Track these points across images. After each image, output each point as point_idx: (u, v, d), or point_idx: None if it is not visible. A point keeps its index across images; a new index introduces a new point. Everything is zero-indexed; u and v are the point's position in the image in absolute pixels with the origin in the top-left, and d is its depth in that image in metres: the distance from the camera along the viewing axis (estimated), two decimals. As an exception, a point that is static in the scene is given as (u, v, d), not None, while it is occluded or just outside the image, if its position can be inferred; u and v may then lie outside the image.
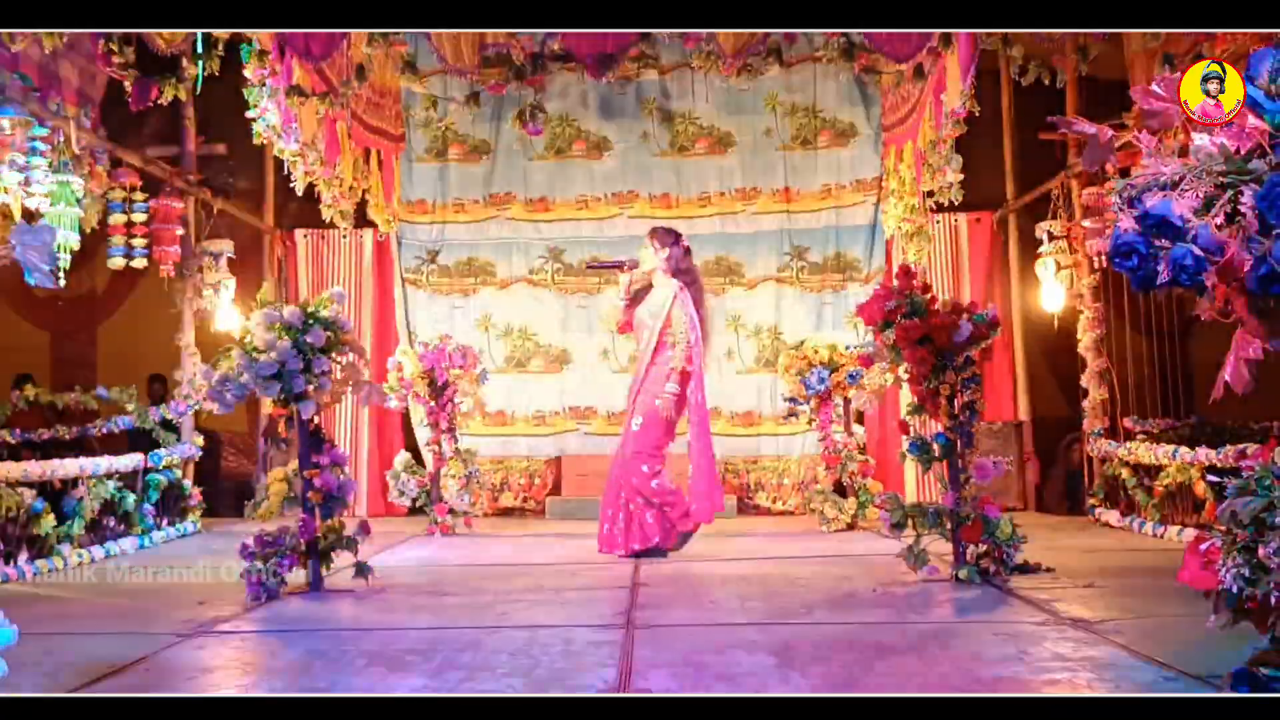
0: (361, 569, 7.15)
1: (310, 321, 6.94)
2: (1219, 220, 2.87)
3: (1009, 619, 5.94)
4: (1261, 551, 3.06)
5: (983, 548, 7.17)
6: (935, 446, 7.29)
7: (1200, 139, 3.07)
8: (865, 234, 13.21)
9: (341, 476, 7.17)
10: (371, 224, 13.23)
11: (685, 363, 8.95)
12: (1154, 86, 3.30)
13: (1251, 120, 2.99)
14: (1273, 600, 3.05)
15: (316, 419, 7.21)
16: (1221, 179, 2.89)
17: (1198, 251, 2.84)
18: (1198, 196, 2.89)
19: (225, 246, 11.72)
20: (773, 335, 13.20)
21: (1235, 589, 3.12)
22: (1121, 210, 3.06)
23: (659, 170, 13.47)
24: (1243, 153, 3.00)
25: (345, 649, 5.38)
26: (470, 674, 4.69)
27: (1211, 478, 8.38)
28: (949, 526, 7.22)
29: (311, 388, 6.93)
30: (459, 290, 13.40)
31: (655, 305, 9.12)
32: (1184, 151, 3.19)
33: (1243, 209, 2.84)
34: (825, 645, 5.32)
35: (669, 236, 9.28)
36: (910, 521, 7.35)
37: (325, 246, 13.37)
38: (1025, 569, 7.28)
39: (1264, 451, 3.28)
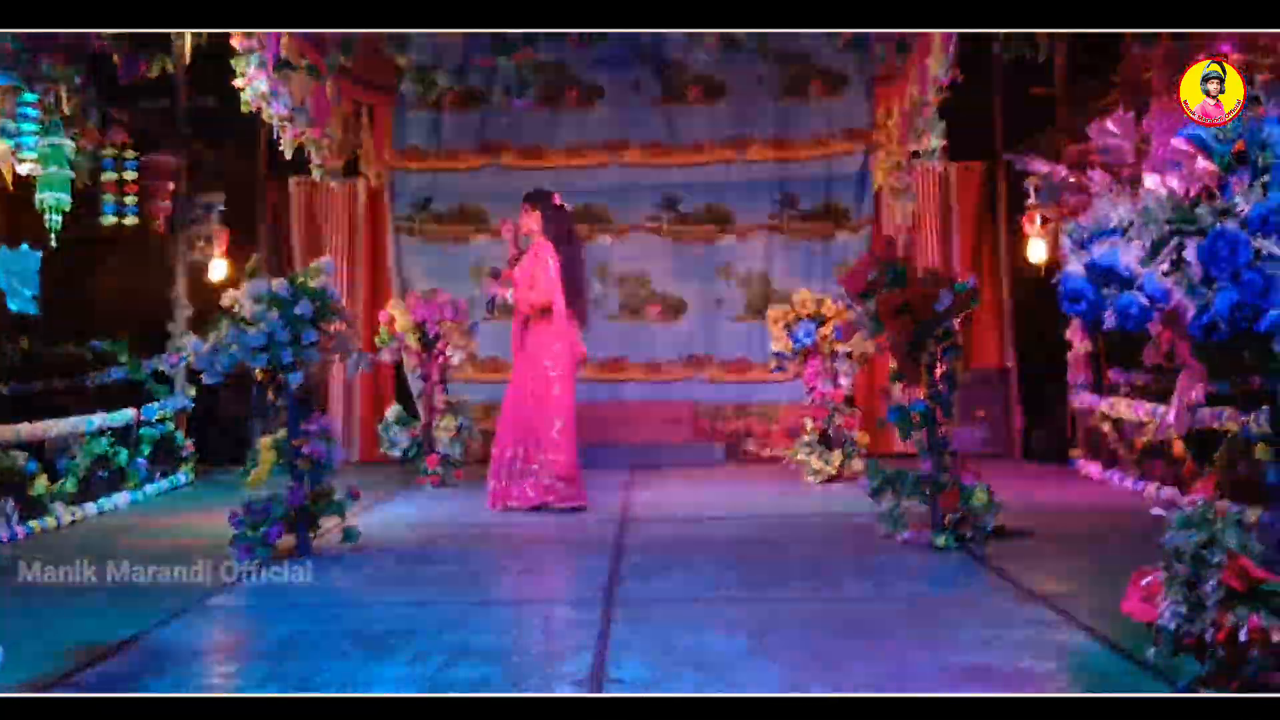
0: (349, 534, 7.27)
1: (298, 293, 7.01)
2: (1165, 267, 2.95)
3: (981, 595, 6.09)
4: (1201, 590, 3.17)
5: (960, 514, 7.28)
6: (915, 415, 7.40)
7: (1150, 180, 3.14)
8: (855, 183, 13.26)
9: (329, 444, 7.27)
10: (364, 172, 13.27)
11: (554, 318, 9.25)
12: (1109, 125, 3.37)
13: (1200, 162, 3.07)
14: (1207, 638, 3.16)
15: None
16: (1168, 226, 2.97)
17: (1143, 300, 2.93)
18: (1144, 247, 2.97)
19: (216, 199, 11.77)
20: (763, 283, 13.28)
21: (1173, 626, 3.23)
22: (1072, 252, 3.15)
23: (651, 119, 13.50)
24: (1191, 194, 3.08)
25: (328, 629, 5.49)
26: (450, 659, 4.80)
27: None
28: (927, 492, 7.33)
29: (300, 358, 7.03)
30: (451, 237, 13.47)
31: (525, 268, 9.36)
32: (1136, 182, 3.27)
33: (1187, 258, 2.92)
34: (798, 625, 5.45)
35: (538, 199, 9.56)
36: (890, 487, 7.46)
37: (318, 194, 13.37)
38: (1002, 534, 7.39)
39: (1206, 485, 3.38)
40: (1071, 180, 9.11)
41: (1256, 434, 7.71)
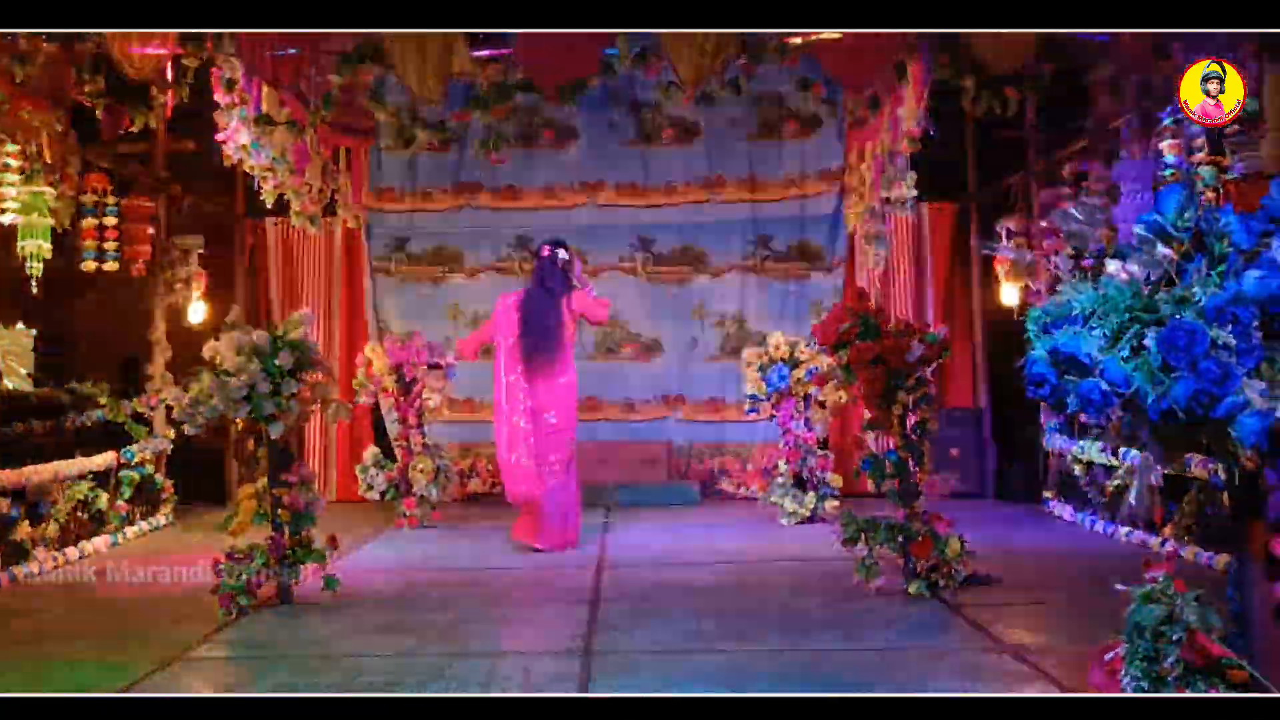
0: (329, 582, 7.35)
1: (278, 345, 7.11)
2: (1124, 353, 3.06)
3: (951, 646, 6.20)
4: (1161, 665, 3.28)
5: (932, 562, 7.38)
6: (888, 464, 7.51)
7: (1113, 265, 3.26)
8: (829, 223, 13.32)
9: (309, 495, 7.37)
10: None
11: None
12: (1072, 210, 3.49)
13: (1160, 248, 3.18)
14: (1169, 713, 3.26)
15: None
16: (1128, 315, 3.08)
17: (1104, 386, 3.04)
18: (1105, 335, 3.09)
19: (195, 242, 11.87)
20: (737, 323, 13.38)
21: (1135, 700, 3.34)
22: (1036, 337, 3.26)
23: (625, 159, 13.57)
24: (1153, 279, 3.19)
25: (313, 681, 5.58)
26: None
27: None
28: (900, 541, 7.43)
29: (280, 409, 7.12)
30: (428, 279, 13.55)
31: None
32: (1101, 262, 3.38)
33: (1147, 345, 3.04)
34: (774, 678, 5.54)
35: (535, 250, 10.01)
36: (863, 535, 7.55)
37: (295, 234, 13.39)
38: (974, 580, 7.48)
39: (1167, 563, 3.49)
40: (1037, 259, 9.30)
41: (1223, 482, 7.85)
